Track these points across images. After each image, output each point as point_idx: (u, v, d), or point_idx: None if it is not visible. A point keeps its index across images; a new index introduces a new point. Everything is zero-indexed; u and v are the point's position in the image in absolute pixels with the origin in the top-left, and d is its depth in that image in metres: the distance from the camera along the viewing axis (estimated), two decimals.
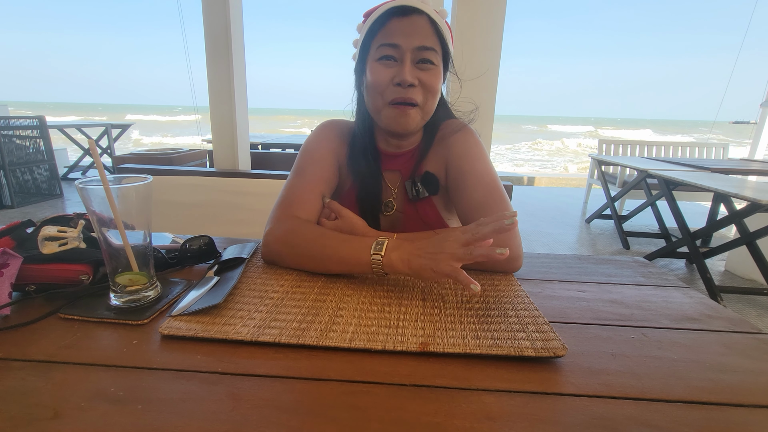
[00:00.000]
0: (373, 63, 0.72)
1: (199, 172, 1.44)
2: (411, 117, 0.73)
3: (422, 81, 0.71)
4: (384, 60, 0.71)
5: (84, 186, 0.48)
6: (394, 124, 0.73)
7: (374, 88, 0.72)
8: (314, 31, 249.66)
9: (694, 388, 0.41)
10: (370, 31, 0.72)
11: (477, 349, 0.45)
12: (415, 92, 0.71)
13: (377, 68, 0.71)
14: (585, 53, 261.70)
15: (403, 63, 0.70)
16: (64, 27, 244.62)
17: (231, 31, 1.66)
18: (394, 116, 0.73)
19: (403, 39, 0.69)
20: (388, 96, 0.72)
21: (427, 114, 0.75)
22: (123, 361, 0.42)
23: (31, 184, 4.02)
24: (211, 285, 0.58)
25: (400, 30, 0.69)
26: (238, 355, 0.44)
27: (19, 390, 0.37)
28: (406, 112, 0.72)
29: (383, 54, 0.71)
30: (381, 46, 0.70)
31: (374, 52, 0.72)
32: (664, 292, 0.66)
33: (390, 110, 0.72)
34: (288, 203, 0.74)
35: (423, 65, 0.71)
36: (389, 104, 0.72)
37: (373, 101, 0.74)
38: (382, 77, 0.71)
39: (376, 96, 0.73)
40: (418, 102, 0.72)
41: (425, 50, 0.70)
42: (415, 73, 0.70)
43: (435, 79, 0.72)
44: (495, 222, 0.55)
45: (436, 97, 0.74)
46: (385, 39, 0.70)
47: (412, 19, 0.69)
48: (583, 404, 0.38)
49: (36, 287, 0.56)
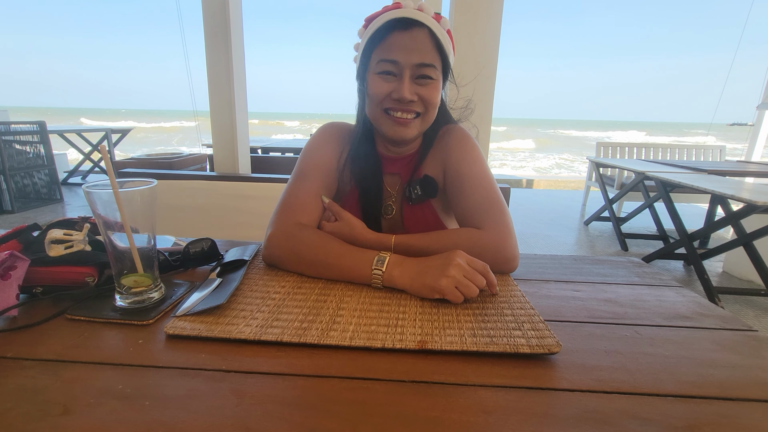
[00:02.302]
0: (374, 75, 0.73)
1: (200, 176, 1.45)
2: (410, 127, 0.75)
3: (421, 96, 0.72)
4: (384, 74, 0.72)
5: (90, 190, 0.50)
6: (392, 133, 0.75)
7: (374, 100, 0.74)
8: (312, 33, 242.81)
9: (684, 382, 0.42)
10: (371, 40, 0.73)
11: (474, 346, 0.46)
12: (415, 105, 0.73)
13: (377, 81, 0.73)
14: (579, 57, 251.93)
15: (402, 79, 0.71)
16: (62, 30, 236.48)
17: (231, 34, 1.68)
18: (393, 126, 0.75)
19: (402, 55, 0.70)
20: (386, 106, 0.74)
21: (426, 124, 0.77)
22: (129, 360, 0.43)
23: (31, 189, 4.03)
24: (214, 286, 0.60)
25: (400, 45, 0.70)
26: (241, 354, 0.45)
27: (30, 388, 0.39)
28: (406, 123, 0.74)
29: (383, 69, 0.72)
30: (381, 61, 0.72)
31: (374, 65, 0.73)
32: (657, 291, 0.67)
33: (389, 121, 0.75)
34: (289, 207, 0.75)
35: (422, 80, 0.72)
36: (388, 115, 0.74)
37: (372, 111, 0.76)
38: (381, 91, 0.72)
39: (375, 107, 0.75)
40: (419, 112, 0.74)
41: (424, 67, 0.71)
42: (413, 89, 0.71)
43: (434, 93, 0.73)
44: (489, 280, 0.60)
45: (436, 108, 0.76)
46: (385, 54, 0.71)
47: (412, 34, 0.70)
48: (576, 399, 0.39)
49: (43, 289, 0.57)
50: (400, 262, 0.62)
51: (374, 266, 0.62)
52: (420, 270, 0.60)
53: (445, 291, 0.57)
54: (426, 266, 0.60)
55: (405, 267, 0.61)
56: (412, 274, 0.60)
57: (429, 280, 0.58)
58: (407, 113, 0.73)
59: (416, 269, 0.61)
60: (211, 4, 1.67)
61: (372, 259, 0.63)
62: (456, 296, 0.57)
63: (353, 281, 0.65)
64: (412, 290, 0.60)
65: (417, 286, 0.59)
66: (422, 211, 0.82)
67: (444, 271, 0.58)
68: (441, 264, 0.59)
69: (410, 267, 0.61)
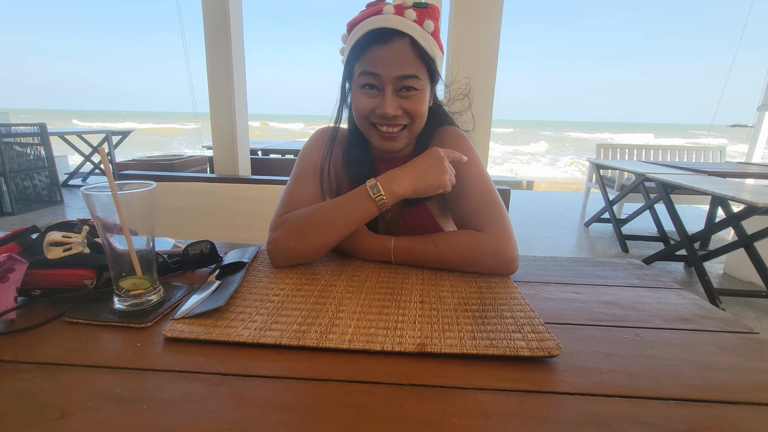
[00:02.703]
0: (357, 90, 0.72)
1: (200, 178, 1.45)
2: (397, 140, 0.75)
3: (406, 109, 0.71)
4: (366, 88, 0.71)
5: (89, 192, 0.49)
6: (380, 146, 0.76)
7: (359, 114, 0.74)
8: (312, 35, 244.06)
9: (685, 385, 0.42)
10: (353, 51, 0.71)
11: (473, 349, 0.46)
12: (400, 119, 0.72)
13: (360, 97, 0.72)
14: (579, 59, 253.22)
15: (384, 93, 0.70)
16: (63, 32, 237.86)
17: (231, 36, 1.68)
18: (380, 141, 0.75)
19: (383, 68, 0.68)
20: (372, 120, 0.73)
21: (414, 133, 0.76)
22: (127, 363, 0.43)
23: (32, 190, 4.04)
24: (213, 289, 0.59)
25: (379, 59, 0.68)
26: (239, 357, 0.45)
27: (27, 391, 0.38)
28: (393, 138, 0.74)
29: (365, 82, 0.70)
30: (362, 73, 0.70)
31: (357, 77, 0.71)
32: (658, 293, 0.67)
33: (376, 134, 0.74)
34: (290, 207, 0.75)
35: (406, 92, 0.70)
36: (375, 128, 0.74)
37: (359, 123, 0.76)
38: (365, 107, 0.71)
39: (362, 120, 0.74)
40: (404, 124, 0.73)
41: (407, 78, 0.69)
42: (397, 103, 0.70)
43: (418, 104, 0.71)
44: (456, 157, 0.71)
45: (423, 118, 0.74)
46: (365, 67, 0.69)
47: (392, 47, 0.67)
48: (576, 402, 0.39)
49: (41, 292, 0.57)
50: (391, 178, 0.68)
51: (373, 195, 0.67)
52: (417, 175, 0.68)
53: (448, 184, 0.68)
54: (420, 169, 0.68)
55: (399, 179, 0.68)
56: (412, 181, 0.68)
57: (432, 180, 0.67)
58: (393, 127, 0.72)
59: (412, 175, 0.68)
60: (211, 6, 1.67)
61: (366, 193, 0.68)
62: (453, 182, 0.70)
63: (363, 221, 0.69)
64: (417, 193, 0.68)
65: (422, 187, 0.67)
66: (419, 214, 0.82)
67: (441, 168, 0.68)
68: (433, 163, 0.68)
69: (404, 176, 0.68)
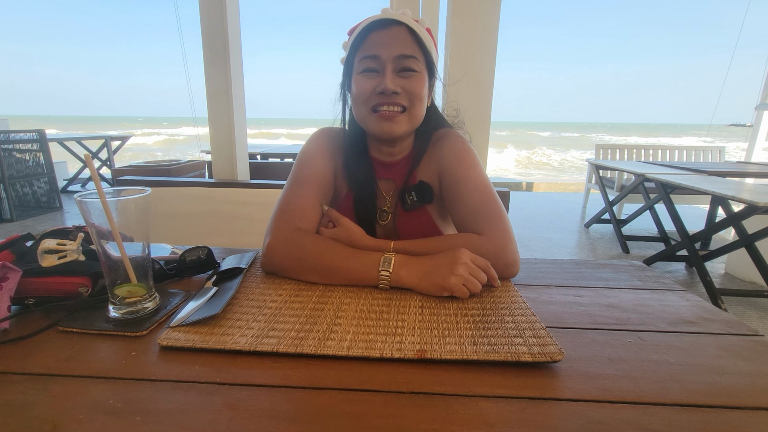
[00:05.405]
0: (357, 76, 0.74)
1: (198, 183, 1.45)
2: (397, 122, 0.74)
3: (405, 88, 0.72)
4: (367, 72, 0.73)
5: (83, 199, 0.49)
6: (380, 130, 0.75)
7: (359, 99, 0.75)
8: (312, 39, 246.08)
9: (690, 391, 0.41)
10: (353, 45, 0.75)
11: (474, 355, 0.45)
12: (400, 98, 0.73)
13: (360, 80, 0.74)
14: (577, 59, 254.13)
15: (384, 73, 0.72)
16: (64, 39, 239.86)
17: (229, 40, 1.68)
18: (380, 122, 0.74)
19: (383, 50, 0.71)
20: (372, 103, 0.73)
21: (414, 119, 0.76)
22: (122, 373, 0.42)
23: (31, 197, 4.03)
24: (210, 295, 0.59)
25: (379, 41, 0.72)
26: (236, 365, 0.44)
27: (18, 403, 0.38)
28: (393, 118, 0.73)
29: (366, 66, 0.73)
30: (363, 58, 0.73)
31: (357, 65, 0.74)
32: (660, 295, 0.66)
33: (376, 117, 0.74)
34: (287, 213, 0.74)
35: (405, 73, 0.73)
36: (374, 111, 0.74)
37: (359, 111, 0.76)
38: (365, 88, 0.73)
39: (361, 106, 0.75)
40: (404, 105, 0.73)
41: (405, 58, 0.72)
42: (397, 82, 0.72)
43: (418, 84, 0.73)
44: (491, 275, 0.64)
45: (423, 103, 0.76)
46: (366, 51, 0.73)
47: (390, 31, 0.72)
48: (580, 409, 0.38)
49: (35, 300, 0.56)
50: (406, 262, 0.64)
51: (381, 268, 0.63)
52: (427, 269, 0.62)
53: (454, 289, 0.60)
54: (433, 265, 0.62)
55: (411, 266, 0.63)
56: (419, 274, 0.62)
57: (438, 279, 0.61)
58: (393, 106, 0.73)
59: (423, 268, 0.63)
60: (209, 13, 1.67)
61: (378, 261, 0.64)
62: (463, 292, 0.60)
63: (359, 284, 0.65)
64: (419, 289, 0.62)
65: (425, 284, 0.62)
66: (418, 218, 0.82)
67: (452, 270, 0.61)
68: (448, 263, 0.62)
69: (416, 266, 0.63)
